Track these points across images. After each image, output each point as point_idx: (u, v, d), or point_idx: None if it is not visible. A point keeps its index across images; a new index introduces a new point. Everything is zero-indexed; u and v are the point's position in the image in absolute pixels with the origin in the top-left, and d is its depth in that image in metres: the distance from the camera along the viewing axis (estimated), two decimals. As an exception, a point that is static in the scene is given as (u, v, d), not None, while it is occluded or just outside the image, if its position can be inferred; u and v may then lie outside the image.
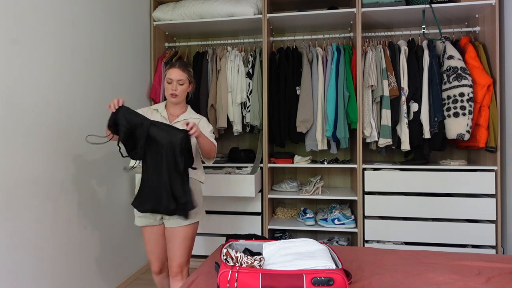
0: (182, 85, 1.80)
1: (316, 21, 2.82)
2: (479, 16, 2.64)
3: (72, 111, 1.98)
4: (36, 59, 1.73)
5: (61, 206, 1.88)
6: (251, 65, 2.84)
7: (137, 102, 2.72)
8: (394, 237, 2.53)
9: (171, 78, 1.78)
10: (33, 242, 1.70)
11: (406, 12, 2.59)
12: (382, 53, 2.61)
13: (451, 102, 2.45)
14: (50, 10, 1.83)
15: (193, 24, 2.91)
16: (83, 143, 2.06)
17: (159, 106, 1.88)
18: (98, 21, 2.23)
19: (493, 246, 2.44)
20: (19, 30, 1.63)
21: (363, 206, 2.59)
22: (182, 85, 1.80)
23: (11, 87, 1.59)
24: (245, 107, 2.83)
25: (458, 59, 2.47)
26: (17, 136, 1.62)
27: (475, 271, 1.49)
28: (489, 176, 2.43)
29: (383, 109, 2.56)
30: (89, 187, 2.12)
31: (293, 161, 2.77)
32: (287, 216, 2.95)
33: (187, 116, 1.86)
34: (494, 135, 2.39)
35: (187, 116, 1.86)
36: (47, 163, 1.79)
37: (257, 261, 1.30)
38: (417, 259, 1.65)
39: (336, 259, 1.31)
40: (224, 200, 2.80)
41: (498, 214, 2.42)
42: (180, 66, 1.81)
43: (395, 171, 2.56)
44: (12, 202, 1.59)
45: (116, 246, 2.41)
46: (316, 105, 2.68)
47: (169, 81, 1.78)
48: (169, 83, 1.79)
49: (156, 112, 1.85)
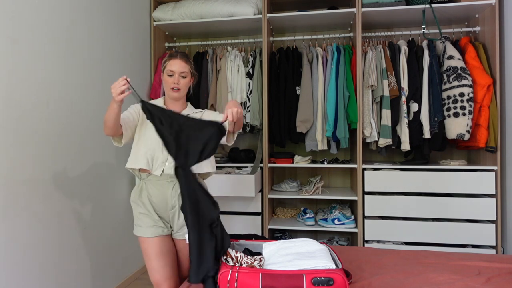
0: (185, 78, 1.61)
1: (316, 21, 2.82)
2: (479, 16, 2.64)
3: (72, 111, 1.98)
4: (36, 59, 1.73)
5: (61, 206, 1.88)
6: (251, 65, 2.84)
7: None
8: (394, 237, 2.53)
9: (173, 70, 1.58)
10: (32, 242, 1.70)
11: (406, 12, 2.59)
12: (382, 53, 2.61)
13: (451, 102, 2.45)
14: (50, 10, 1.83)
15: (193, 24, 2.91)
16: (83, 143, 2.06)
17: (158, 102, 1.67)
18: (98, 21, 2.23)
19: (493, 246, 2.44)
20: (19, 30, 1.63)
21: (363, 206, 2.59)
22: (184, 78, 1.61)
23: (11, 87, 1.59)
24: (245, 107, 2.83)
25: (458, 59, 2.47)
26: (17, 136, 1.62)
27: (475, 271, 1.49)
28: (489, 176, 2.43)
29: (383, 109, 2.56)
30: (89, 187, 2.12)
31: (293, 161, 2.77)
32: (287, 216, 2.95)
33: (189, 112, 1.70)
34: (494, 135, 2.39)
35: (188, 111, 1.71)
36: (47, 163, 1.79)
37: (257, 261, 1.30)
38: (417, 259, 1.65)
39: (336, 259, 1.31)
40: (224, 200, 2.80)
41: (498, 214, 2.42)
42: (182, 57, 1.62)
43: (395, 171, 2.56)
44: (11, 202, 1.59)
45: (116, 246, 2.41)
46: (316, 105, 2.68)
47: (170, 74, 1.59)
48: (170, 75, 1.59)
49: None
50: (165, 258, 1.55)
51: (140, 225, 1.57)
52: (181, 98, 1.66)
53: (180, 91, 1.61)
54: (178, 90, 1.60)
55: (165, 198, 1.58)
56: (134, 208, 1.62)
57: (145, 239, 1.54)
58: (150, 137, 1.57)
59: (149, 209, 1.58)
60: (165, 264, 1.55)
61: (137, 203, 1.60)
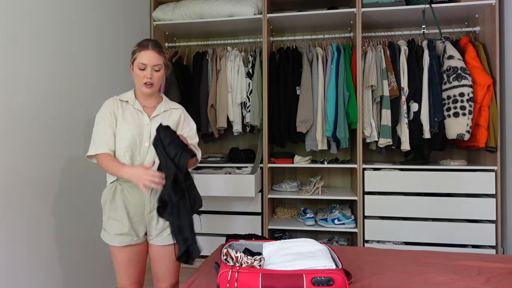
0: (158, 72, 1.46)
1: (316, 21, 2.82)
2: (479, 16, 2.63)
3: (72, 111, 1.98)
4: (36, 59, 1.73)
5: (60, 206, 1.88)
6: (251, 65, 2.84)
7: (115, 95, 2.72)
8: (394, 237, 2.53)
9: (145, 62, 1.42)
10: (32, 242, 1.70)
11: (406, 12, 2.59)
12: (382, 53, 2.61)
13: (451, 102, 2.45)
14: (50, 10, 1.82)
15: (193, 24, 2.91)
16: (82, 144, 2.06)
17: (128, 97, 1.52)
18: (98, 21, 2.23)
19: (493, 246, 2.44)
20: (19, 30, 1.63)
21: (363, 206, 2.59)
22: (158, 71, 1.46)
23: (11, 87, 1.59)
24: (245, 107, 2.82)
25: (458, 59, 2.47)
26: (17, 136, 1.62)
27: (475, 271, 1.49)
28: (489, 176, 2.43)
29: (383, 109, 2.56)
30: (88, 187, 2.12)
31: (293, 161, 2.77)
32: (287, 216, 2.95)
33: (166, 107, 1.56)
34: (494, 135, 2.39)
35: (165, 107, 1.56)
36: (46, 163, 1.79)
37: (257, 261, 1.30)
38: (417, 259, 1.64)
39: (336, 259, 1.31)
40: (224, 200, 2.80)
41: (498, 214, 2.42)
42: (154, 47, 1.44)
43: (395, 171, 2.56)
44: (11, 202, 1.59)
45: (116, 246, 2.41)
46: (316, 105, 2.68)
47: (142, 67, 1.43)
48: (141, 69, 1.44)
49: (126, 104, 1.52)
50: (133, 265, 1.50)
51: (108, 232, 1.48)
52: (154, 93, 1.53)
53: (153, 86, 1.47)
54: (152, 85, 1.46)
55: (143, 201, 1.48)
56: (104, 211, 1.51)
57: (113, 247, 1.48)
58: (127, 136, 1.46)
59: (121, 214, 1.46)
60: (133, 271, 1.51)
61: (108, 206, 1.48)
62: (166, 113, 1.57)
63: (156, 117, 1.53)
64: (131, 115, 1.50)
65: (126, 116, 1.49)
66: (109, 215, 1.49)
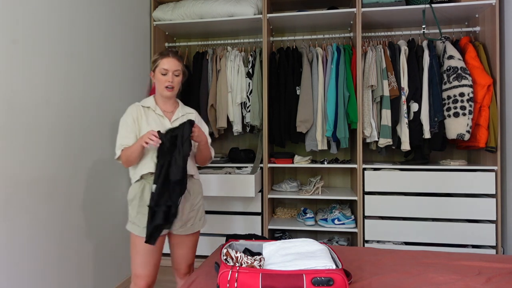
0: (178, 76, 1.66)
1: (316, 21, 2.82)
2: (479, 16, 2.63)
3: (72, 111, 1.98)
4: (36, 59, 1.73)
5: (60, 206, 1.88)
6: (251, 65, 2.84)
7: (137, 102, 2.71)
8: (394, 237, 2.53)
9: (166, 68, 1.62)
10: (32, 242, 1.70)
11: (406, 12, 2.59)
12: (382, 53, 2.61)
13: (451, 102, 2.44)
14: (50, 10, 1.82)
15: (193, 24, 2.91)
16: (82, 143, 2.06)
17: (150, 103, 1.69)
18: (98, 21, 2.23)
19: (493, 246, 2.44)
20: (19, 30, 1.63)
21: (363, 206, 2.59)
22: (177, 76, 1.65)
23: (11, 87, 1.59)
24: (245, 107, 2.82)
25: (458, 59, 2.46)
26: (17, 136, 1.62)
27: (475, 271, 1.49)
28: (489, 176, 2.43)
29: (383, 109, 2.56)
30: (88, 187, 2.12)
31: (293, 161, 2.77)
32: (287, 216, 2.95)
33: (182, 112, 1.74)
34: (494, 135, 2.39)
35: (182, 111, 1.74)
36: (46, 163, 1.79)
37: (257, 261, 1.30)
38: (417, 259, 1.64)
39: (336, 259, 1.31)
40: (224, 200, 2.80)
41: (498, 214, 2.42)
42: (174, 55, 1.66)
43: (395, 171, 2.56)
44: (11, 202, 1.59)
45: (116, 246, 2.41)
46: (316, 105, 2.68)
47: (164, 72, 1.62)
48: (163, 74, 1.63)
49: (148, 110, 1.68)
50: (152, 256, 1.61)
51: (138, 225, 1.59)
52: (173, 97, 1.71)
53: (173, 89, 1.65)
54: (172, 88, 1.64)
55: None
56: (132, 207, 1.63)
57: (138, 238, 1.59)
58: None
59: None
60: (150, 262, 1.61)
61: (137, 202, 1.61)
62: (184, 117, 1.71)
63: (175, 120, 1.68)
64: (154, 120, 1.65)
65: (150, 121, 1.64)
66: (138, 210, 1.61)
